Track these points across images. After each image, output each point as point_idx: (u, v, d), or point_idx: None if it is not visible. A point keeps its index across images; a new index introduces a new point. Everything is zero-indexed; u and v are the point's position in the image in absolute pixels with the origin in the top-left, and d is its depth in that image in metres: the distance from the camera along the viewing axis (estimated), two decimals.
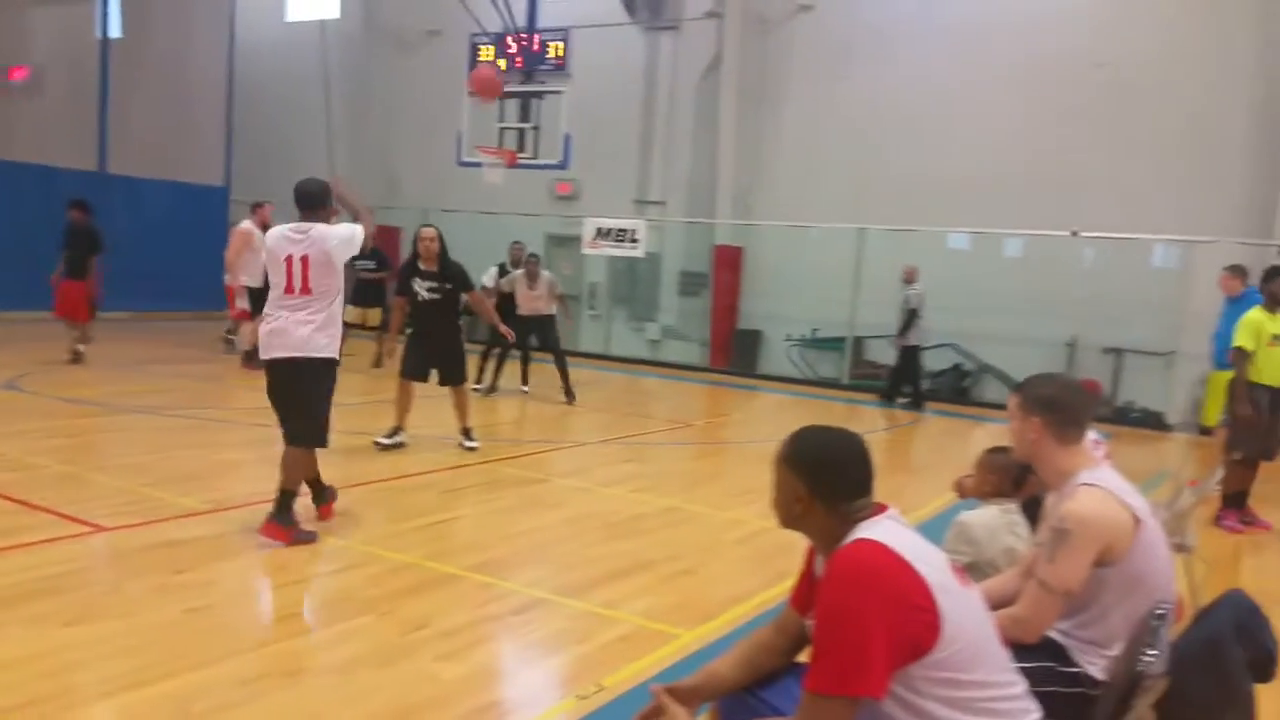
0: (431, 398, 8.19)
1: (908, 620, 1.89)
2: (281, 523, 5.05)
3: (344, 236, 5.09)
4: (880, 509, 2.10)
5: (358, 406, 9.41)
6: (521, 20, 14.01)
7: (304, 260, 5.01)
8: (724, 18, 15.66)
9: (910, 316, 12.40)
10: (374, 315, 12.66)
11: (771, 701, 2.26)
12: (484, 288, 11.36)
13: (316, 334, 5.06)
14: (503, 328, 8.70)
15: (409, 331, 7.95)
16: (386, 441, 7.66)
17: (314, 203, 5.16)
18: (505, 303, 11.04)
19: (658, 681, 2.29)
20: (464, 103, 13.36)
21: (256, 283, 11.65)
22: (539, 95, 13.16)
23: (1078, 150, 13.36)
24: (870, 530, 2.03)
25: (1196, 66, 12.77)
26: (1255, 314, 6.82)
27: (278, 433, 5.21)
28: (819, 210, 14.95)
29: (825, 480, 2.10)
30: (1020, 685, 2.07)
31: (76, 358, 10.90)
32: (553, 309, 11.26)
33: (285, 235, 5.11)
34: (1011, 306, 13.64)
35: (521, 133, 13.09)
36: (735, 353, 15.92)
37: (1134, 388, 13.10)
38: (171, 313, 16.57)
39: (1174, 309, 12.30)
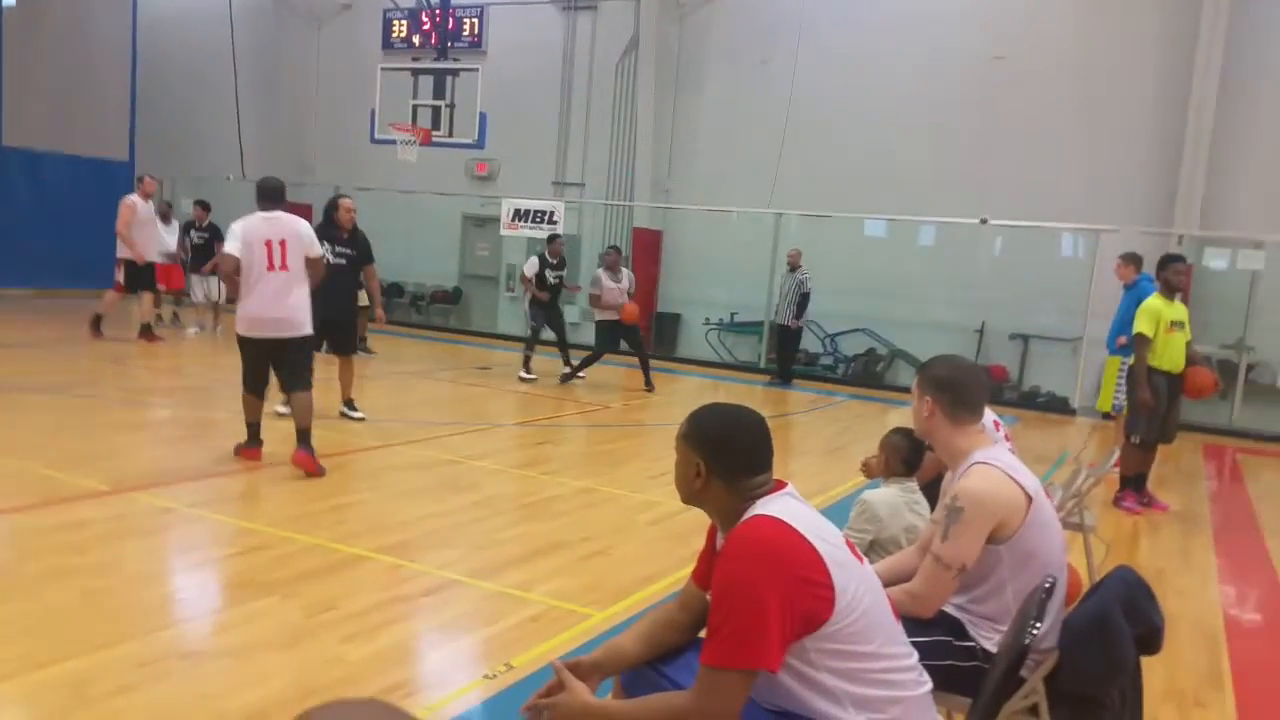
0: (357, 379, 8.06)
1: (803, 594, 1.93)
2: (309, 451, 6.16)
3: (308, 232, 6.35)
4: (779, 486, 2.14)
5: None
6: None
7: (282, 243, 6.14)
8: (640, 0, 15.67)
9: (805, 300, 12.82)
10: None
11: (673, 676, 2.28)
12: (523, 276, 11.47)
13: (303, 315, 6.25)
14: (380, 311, 8.80)
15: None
16: (284, 410, 7.70)
17: (278, 196, 6.37)
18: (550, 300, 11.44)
19: (555, 660, 2.30)
20: (377, 79, 13.12)
21: (147, 257, 11.39)
22: (454, 73, 12.96)
23: (986, 140, 13.73)
24: (768, 506, 2.06)
25: (1096, 58, 13.20)
26: (1154, 301, 7.04)
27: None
28: (737, 195, 15.10)
29: (722, 456, 2.13)
30: (913, 657, 2.13)
31: None
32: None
33: (259, 221, 6.20)
34: (924, 293, 14.03)
35: (436, 110, 12.88)
36: (654, 336, 16.01)
37: (1040, 373, 13.55)
38: (73, 290, 15.93)
39: (1080, 296, 12.69)
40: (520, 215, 15.47)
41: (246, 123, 17.62)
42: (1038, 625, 2.24)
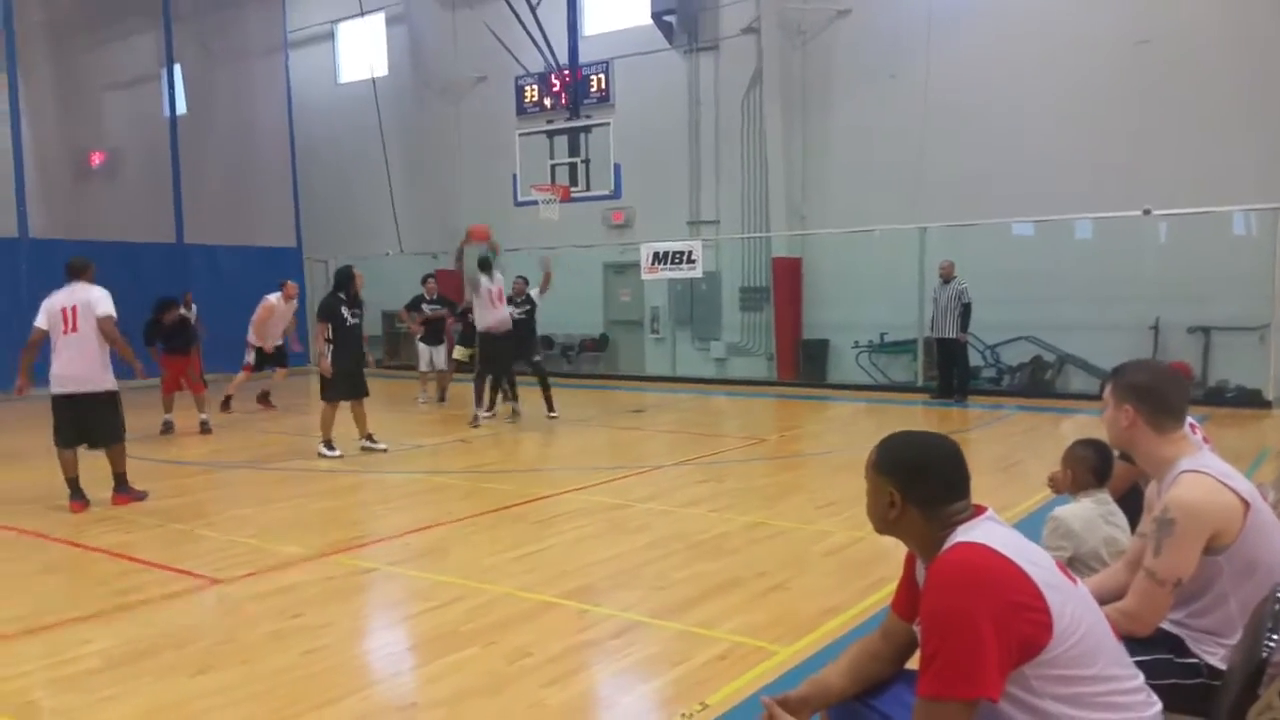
0: (510, 431, 8.39)
1: (1018, 620, 1.89)
2: (128, 493, 7.35)
3: (99, 298, 7.15)
4: (979, 511, 2.10)
5: (437, 447, 9.64)
6: (563, 57, 14.30)
7: (74, 310, 7.05)
8: (761, 32, 15.77)
9: (967, 311, 12.55)
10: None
11: (883, 709, 2.26)
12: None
13: (101, 370, 7.10)
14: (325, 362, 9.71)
15: (336, 360, 9.25)
16: (330, 453, 9.15)
17: (80, 271, 7.28)
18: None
19: (762, 695, 2.32)
20: (515, 144, 13.67)
21: (270, 345, 12.77)
22: (586, 129, 13.40)
23: (1139, 128, 13.14)
24: (970, 533, 2.03)
25: (1247, 29, 12.49)
26: None
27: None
28: (876, 213, 14.91)
29: (918, 485, 2.10)
30: (1139, 678, 2.06)
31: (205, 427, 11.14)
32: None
33: (64, 294, 7.15)
34: (1087, 293, 13.43)
35: (573, 167, 13.35)
36: (802, 364, 15.89)
37: (1226, 366, 12.73)
38: (255, 371, 17.06)
39: (1263, 280, 11.93)
40: (659, 258, 15.75)
41: (399, 200, 18.64)
42: (1273, 638, 2.11)
